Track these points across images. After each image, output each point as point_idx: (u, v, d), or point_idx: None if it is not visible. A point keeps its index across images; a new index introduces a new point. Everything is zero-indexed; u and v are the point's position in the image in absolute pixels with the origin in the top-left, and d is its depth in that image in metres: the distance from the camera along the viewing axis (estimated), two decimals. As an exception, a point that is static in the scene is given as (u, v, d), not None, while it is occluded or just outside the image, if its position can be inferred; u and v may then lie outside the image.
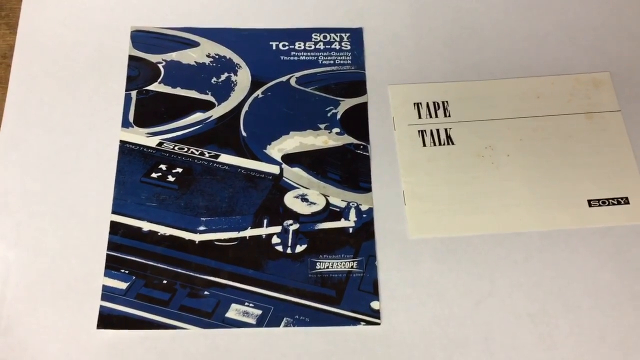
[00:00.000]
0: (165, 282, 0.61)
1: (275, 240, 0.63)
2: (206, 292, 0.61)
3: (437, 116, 0.69)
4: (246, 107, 0.70)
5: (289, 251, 0.63)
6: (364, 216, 0.64)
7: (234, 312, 0.60)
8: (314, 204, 0.65)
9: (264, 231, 0.64)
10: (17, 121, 0.68)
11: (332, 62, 0.72)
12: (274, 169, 0.67)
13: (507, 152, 0.67)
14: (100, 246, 0.63)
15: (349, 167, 0.67)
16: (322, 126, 0.69)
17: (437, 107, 0.70)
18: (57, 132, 0.68)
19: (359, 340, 0.60)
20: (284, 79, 0.71)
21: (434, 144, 0.68)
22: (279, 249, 0.63)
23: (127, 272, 0.62)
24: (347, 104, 0.70)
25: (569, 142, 0.68)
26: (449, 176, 0.66)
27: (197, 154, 0.67)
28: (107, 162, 0.66)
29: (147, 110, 0.69)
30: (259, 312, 0.60)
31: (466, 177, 0.66)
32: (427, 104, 0.70)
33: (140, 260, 0.62)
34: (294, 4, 0.75)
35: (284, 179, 0.66)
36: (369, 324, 0.60)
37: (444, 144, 0.68)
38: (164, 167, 0.66)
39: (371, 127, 0.69)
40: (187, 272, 0.62)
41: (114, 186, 0.65)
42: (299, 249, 0.63)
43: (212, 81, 0.71)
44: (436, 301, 0.61)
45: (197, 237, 0.63)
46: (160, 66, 0.72)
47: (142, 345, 0.59)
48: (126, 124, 0.68)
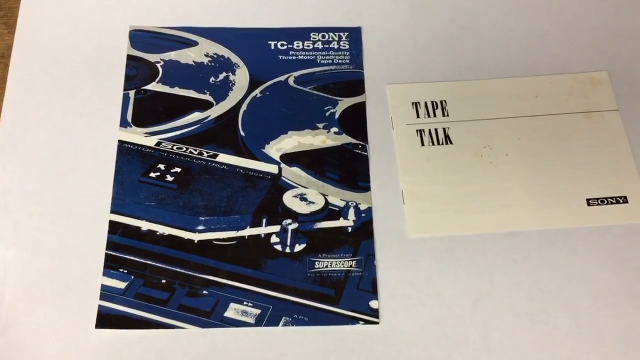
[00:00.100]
0: (164, 281, 0.61)
1: (274, 239, 0.63)
2: (205, 292, 0.61)
3: (435, 116, 0.69)
4: (244, 107, 0.70)
5: (287, 250, 0.63)
6: (363, 215, 0.64)
7: (233, 311, 0.60)
8: (313, 203, 0.65)
9: (262, 230, 0.64)
10: (15, 121, 0.68)
11: (330, 61, 0.72)
12: (273, 169, 0.67)
13: (506, 151, 0.67)
14: (99, 246, 0.63)
15: (348, 167, 0.67)
16: (320, 126, 0.69)
17: (435, 106, 0.70)
18: (56, 132, 0.68)
19: (358, 339, 0.60)
20: (282, 78, 0.71)
21: (432, 144, 0.68)
22: (278, 248, 0.63)
23: (125, 271, 0.61)
24: (345, 103, 0.70)
25: (567, 141, 0.68)
26: (447, 175, 0.66)
27: (196, 153, 0.67)
28: (105, 162, 0.66)
29: (145, 109, 0.69)
30: (258, 311, 0.60)
31: (465, 177, 0.66)
32: (426, 103, 0.70)
33: (139, 259, 0.62)
34: (292, 4, 0.75)
35: (282, 178, 0.66)
36: (367, 323, 0.60)
37: (442, 144, 0.68)
38: (162, 166, 0.66)
39: (369, 126, 0.69)
40: (186, 272, 0.62)
41: (113, 186, 0.65)
42: (298, 248, 0.63)
43: (211, 81, 0.71)
44: (435, 300, 0.61)
45: (196, 237, 0.63)
46: (158, 66, 0.72)
47: (140, 344, 0.59)
48: (124, 124, 0.68)
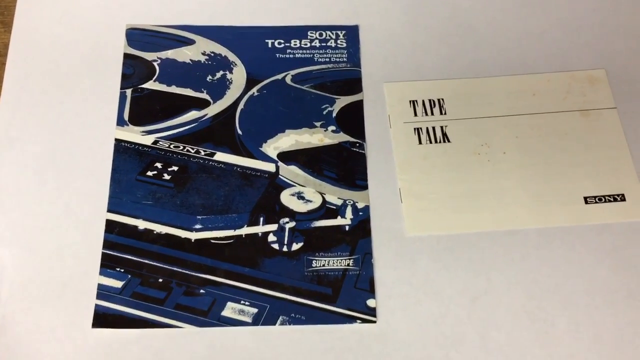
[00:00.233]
0: (161, 280, 0.61)
1: (271, 238, 0.63)
2: (202, 291, 0.61)
3: (432, 114, 0.69)
4: (242, 105, 0.70)
5: (285, 249, 0.63)
6: (360, 214, 0.64)
7: (230, 310, 0.60)
8: (310, 201, 0.65)
9: (260, 229, 0.63)
10: (12, 119, 0.68)
11: (327, 59, 0.72)
12: (270, 167, 0.67)
13: (503, 149, 0.67)
14: (95, 245, 0.62)
15: (345, 165, 0.67)
16: (317, 124, 0.69)
17: (432, 104, 0.70)
18: (52, 130, 0.67)
19: (355, 338, 0.60)
20: (280, 76, 0.71)
21: (430, 142, 0.68)
22: (275, 247, 0.63)
23: (122, 270, 0.61)
24: (342, 101, 0.70)
25: (565, 139, 0.68)
26: (445, 174, 0.66)
27: (193, 152, 0.67)
28: (102, 161, 0.66)
29: (142, 108, 0.69)
30: (255, 310, 0.60)
31: (462, 175, 0.66)
32: (423, 101, 0.70)
33: (136, 258, 0.62)
34: (289, 2, 0.74)
35: (280, 176, 0.66)
36: (365, 322, 0.60)
37: (440, 142, 0.68)
38: (159, 165, 0.66)
39: (367, 124, 0.69)
40: (183, 271, 0.62)
41: (110, 184, 0.65)
42: (295, 247, 0.63)
43: (208, 79, 0.71)
44: (432, 299, 0.61)
45: (193, 236, 0.63)
46: (155, 64, 0.71)
47: (137, 344, 0.59)
48: (121, 122, 0.68)
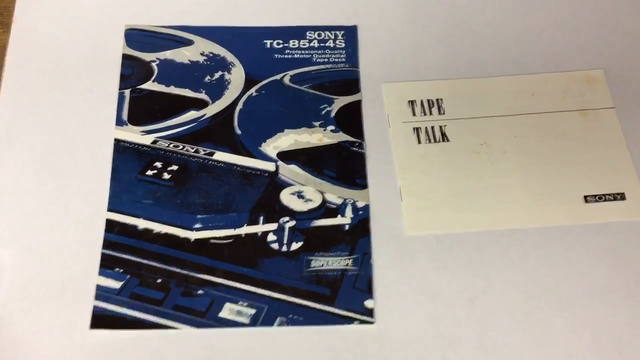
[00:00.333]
0: (159, 280, 0.61)
1: (271, 237, 0.63)
2: (200, 291, 0.61)
3: (431, 114, 0.69)
4: (240, 105, 0.70)
5: (284, 249, 0.62)
6: (360, 213, 0.64)
7: (228, 311, 0.60)
8: (310, 200, 0.65)
9: (260, 228, 0.63)
10: (11, 120, 0.68)
11: (326, 60, 0.72)
12: (270, 166, 0.67)
13: (503, 149, 0.67)
14: (95, 244, 0.62)
15: (345, 165, 0.67)
16: (316, 124, 0.69)
17: (431, 104, 0.70)
18: (51, 131, 0.67)
19: (353, 339, 0.59)
20: (278, 77, 0.71)
21: (429, 141, 0.68)
22: (275, 246, 0.63)
23: (121, 270, 0.61)
24: (341, 101, 0.70)
25: (564, 139, 0.68)
26: (444, 173, 0.66)
27: (192, 151, 0.67)
28: (101, 160, 0.66)
29: (141, 108, 0.69)
30: (253, 311, 0.60)
31: (462, 174, 0.66)
32: (422, 101, 0.70)
33: (135, 258, 0.62)
34: (288, 2, 0.75)
35: (279, 176, 0.66)
36: (363, 322, 0.60)
37: (439, 141, 0.68)
38: (159, 164, 0.66)
39: (366, 124, 0.69)
40: (182, 271, 0.61)
41: (110, 184, 0.65)
42: (295, 246, 0.63)
43: (206, 79, 0.71)
44: (431, 299, 0.61)
45: (193, 235, 0.63)
46: (154, 65, 0.71)
47: (135, 345, 0.59)
48: (120, 122, 0.68)
